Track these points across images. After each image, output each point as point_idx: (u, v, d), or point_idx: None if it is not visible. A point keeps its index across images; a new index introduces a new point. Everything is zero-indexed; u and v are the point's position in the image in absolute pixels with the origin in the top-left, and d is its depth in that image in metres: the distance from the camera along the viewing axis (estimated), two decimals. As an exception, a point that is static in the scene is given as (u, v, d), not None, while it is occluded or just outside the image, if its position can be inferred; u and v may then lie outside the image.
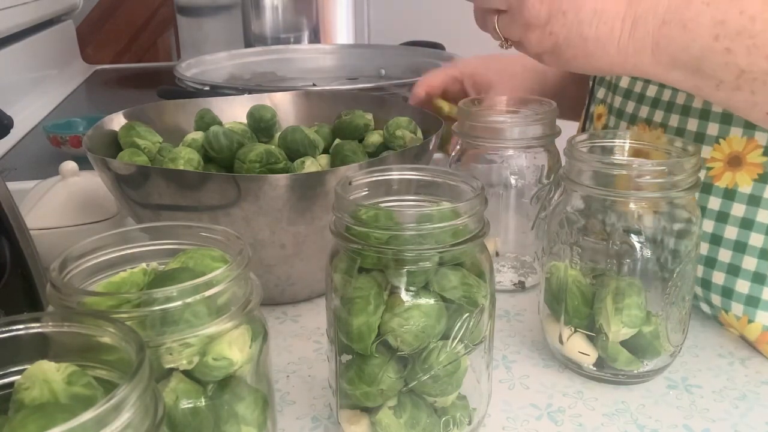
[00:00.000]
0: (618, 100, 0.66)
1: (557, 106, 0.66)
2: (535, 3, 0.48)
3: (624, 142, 0.55)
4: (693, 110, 0.58)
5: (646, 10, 0.47)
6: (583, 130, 0.76)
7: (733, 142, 0.56)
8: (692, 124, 0.58)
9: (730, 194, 0.57)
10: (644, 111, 0.63)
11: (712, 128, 0.57)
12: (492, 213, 0.66)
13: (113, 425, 0.25)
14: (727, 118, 0.56)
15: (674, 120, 0.60)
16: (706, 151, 0.57)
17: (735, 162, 0.56)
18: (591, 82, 0.74)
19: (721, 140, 0.57)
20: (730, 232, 0.57)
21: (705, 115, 0.58)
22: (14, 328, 0.30)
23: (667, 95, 0.61)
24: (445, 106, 0.78)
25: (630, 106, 0.64)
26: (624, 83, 0.65)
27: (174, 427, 0.35)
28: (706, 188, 0.58)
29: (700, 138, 0.58)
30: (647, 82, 0.63)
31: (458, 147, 0.68)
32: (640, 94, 0.63)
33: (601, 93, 0.69)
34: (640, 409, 0.51)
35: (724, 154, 0.57)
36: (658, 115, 0.61)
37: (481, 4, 0.53)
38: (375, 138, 0.74)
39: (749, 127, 0.55)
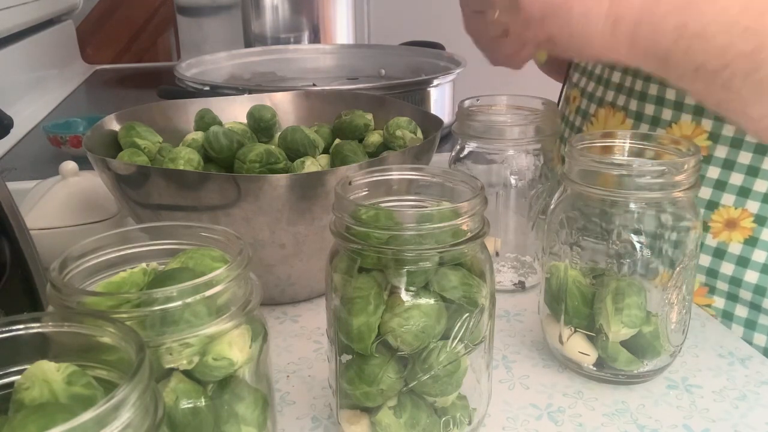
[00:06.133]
0: (591, 85, 0.76)
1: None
2: (533, 3, 0.56)
3: (624, 142, 0.55)
4: (649, 96, 0.67)
5: (623, 12, 0.53)
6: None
7: (683, 126, 0.65)
8: (649, 109, 0.68)
9: None
10: (610, 95, 0.72)
11: (666, 113, 0.66)
12: (492, 213, 0.66)
13: (113, 425, 0.25)
14: (679, 105, 0.65)
15: (633, 104, 0.69)
16: (661, 132, 0.66)
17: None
18: (567, 68, 0.82)
19: (673, 124, 0.66)
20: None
21: (660, 101, 0.67)
22: (14, 328, 0.30)
23: (628, 82, 0.70)
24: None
25: (599, 91, 0.74)
26: (598, 70, 0.74)
27: (174, 427, 0.35)
28: None
29: (656, 121, 0.67)
30: (612, 69, 0.72)
31: (458, 146, 0.68)
32: (607, 80, 0.72)
33: (575, 78, 0.78)
34: (640, 409, 0.51)
35: (676, 136, 0.64)
36: (621, 99, 0.71)
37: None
38: (375, 138, 0.74)
39: (698, 113, 0.64)
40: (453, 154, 0.69)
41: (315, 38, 1.57)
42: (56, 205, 0.72)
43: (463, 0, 0.70)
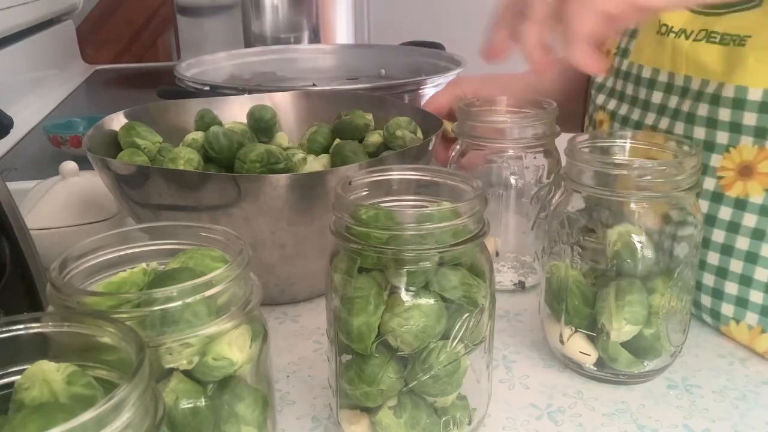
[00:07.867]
0: (624, 107, 0.65)
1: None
2: None
3: (624, 143, 0.55)
4: (699, 118, 0.57)
5: None
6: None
7: (743, 151, 0.55)
8: (699, 133, 0.57)
9: (741, 204, 0.55)
10: (650, 118, 0.62)
11: (722, 137, 0.56)
12: (492, 213, 0.66)
13: (113, 425, 0.25)
14: (736, 126, 0.55)
15: (680, 128, 0.59)
16: (716, 160, 0.56)
17: (746, 172, 0.55)
18: (589, 90, 0.73)
19: (731, 149, 0.55)
20: (742, 243, 0.56)
21: (712, 123, 0.56)
22: (14, 328, 0.30)
23: (673, 102, 0.60)
24: (449, 127, 0.76)
25: (636, 113, 0.64)
26: (629, 90, 0.64)
27: (174, 427, 0.35)
28: (717, 197, 0.56)
29: (709, 146, 0.57)
30: (651, 89, 0.62)
31: (458, 147, 0.68)
32: (645, 101, 0.63)
33: (600, 99, 0.69)
34: (640, 409, 0.51)
35: (734, 163, 0.55)
36: (664, 122, 0.60)
37: None
38: (375, 138, 0.74)
39: (760, 135, 0.54)
40: (453, 154, 0.69)
41: (315, 38, 1.56)
42: (56, 205, 0.72)
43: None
